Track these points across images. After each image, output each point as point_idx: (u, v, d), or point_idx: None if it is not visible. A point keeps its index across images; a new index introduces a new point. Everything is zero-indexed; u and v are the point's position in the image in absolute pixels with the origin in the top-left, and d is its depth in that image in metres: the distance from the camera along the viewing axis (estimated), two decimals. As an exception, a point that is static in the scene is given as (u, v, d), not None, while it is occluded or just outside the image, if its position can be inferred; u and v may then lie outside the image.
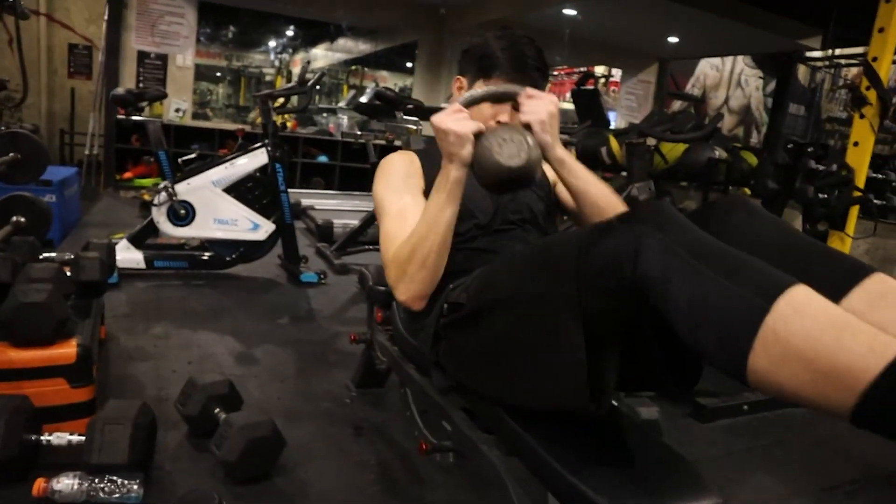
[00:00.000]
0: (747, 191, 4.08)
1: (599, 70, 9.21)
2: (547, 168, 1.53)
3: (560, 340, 1.00)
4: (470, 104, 1.27)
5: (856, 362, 0.72)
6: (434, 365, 1.39)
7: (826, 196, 2.62)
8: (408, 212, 1.37)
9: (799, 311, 0.78)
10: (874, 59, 2.40)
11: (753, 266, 0.85)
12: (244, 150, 3.48)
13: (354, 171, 7.17)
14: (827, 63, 7.31)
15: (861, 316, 0.85)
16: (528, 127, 1.25)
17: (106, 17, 6.14)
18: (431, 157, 1.48)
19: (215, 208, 3.33)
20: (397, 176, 1.47)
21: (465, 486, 1.71)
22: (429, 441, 1.50)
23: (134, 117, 3.47)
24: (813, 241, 1.07)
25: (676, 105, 8.99)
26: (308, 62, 5.48)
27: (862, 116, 2.46)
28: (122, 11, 6.24)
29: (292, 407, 2.06)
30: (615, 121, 7.95)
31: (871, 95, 2.42)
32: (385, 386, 2.21)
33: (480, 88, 1.35)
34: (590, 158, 3.65)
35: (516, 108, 1.31)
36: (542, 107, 1.25)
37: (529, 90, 1.28)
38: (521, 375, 1.10)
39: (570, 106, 6.24)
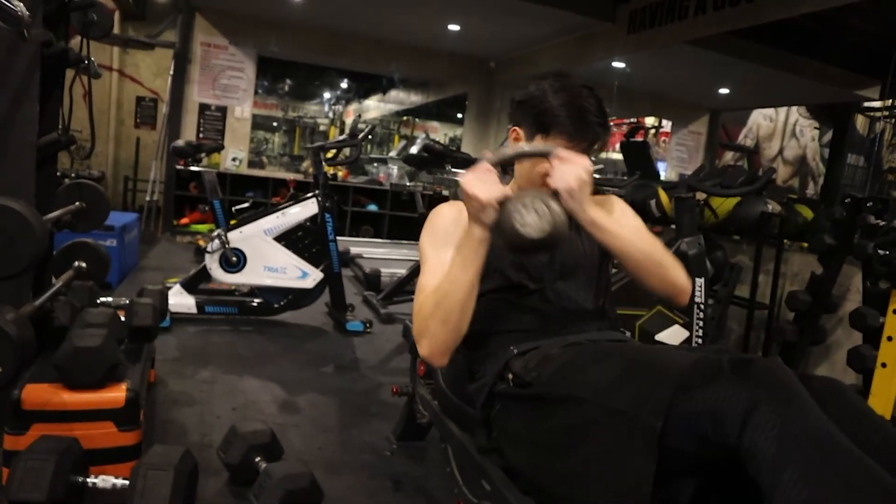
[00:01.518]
0: (804, 245, 3.96)
1: (650, 121, 9.20)
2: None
3: (629, 468, 0.95)
4: (499, 164, 1.22)
5: None
6: (480, 423, 1.36)
7: (887, 253, 2.51)
8: (441, 265, 1.33)
9: None
10: (934, 114, 2.33)
11: (880, 484, 0.77)
12: (296, 199, 3.57)
13: (403, 220, 7.27)
14: (886, 113, 7.12)
15: None
16: (556, 193, 1.20)
17: (171, 72, 6.48)
18: None
19: (266, 256, 3.41)
20: (442, 228, 1.42)
21: (504, 548, 1.66)
22: (467, 499, 1.47)
23: (192, 168, 3.61)
24: None
25: (729, 156, 8.87)
26: (360, 115, 5.65)
27: (923, 171, 2.37)
28: (187, 66, 6.57)
29: (333, 458, 2.05)
30: (665, 172, 7.89)
31: (933, 150, 2.34)
32: (426, 440, 2.19)
33: (538, 143, 1.30)
34: (639, 211, 3.60)
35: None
36: (572, 173, 1.19)
37: (562, 151, 1.21)
38: (577, 479, 1.05)
39: (619, 156, 6.23)
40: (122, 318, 2.04)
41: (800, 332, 3.31)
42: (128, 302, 2.18)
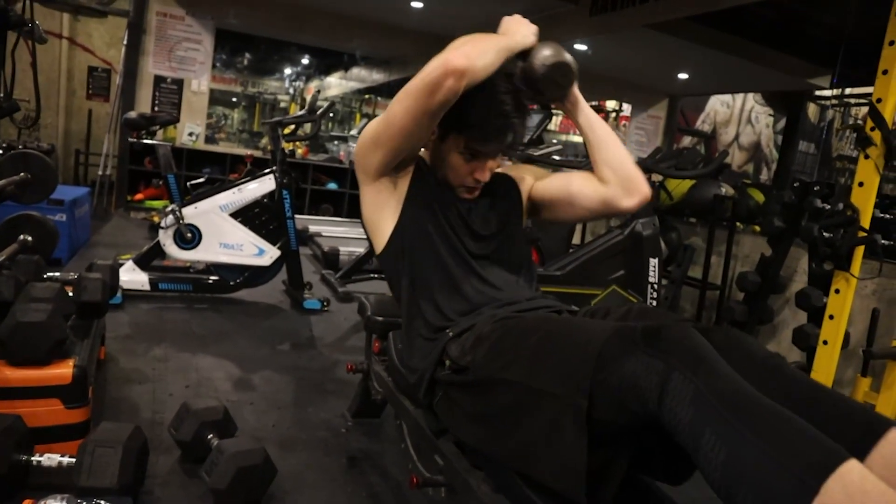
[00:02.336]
0: (756, 228, 4.07)
1: (610, 104, 9.29)
2: (519, 179, 1.56)
3: (563, 444, 0.98)
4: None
5: None
6: (427, 408, 1.38)
7: (831, 235, 2.60)
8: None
9: (851, 497, 0.70)
10: (878, 101, 2.41)
11: (797, 429, 0.79)
12: (253, 175, 3.51)
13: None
14: (836, 102, 7.33)
15: (886, 482, 0.78)
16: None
17: (125, 42, 6.27)
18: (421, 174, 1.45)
19: (222, 232, 3.35)
20: None
21: (456, 521, 1.68)
22: (420, 475, 1.48)
23: (145, 140, 3.51)
24: (821, 388, 0.98)
25: (687, 141, 9.02)
26: (319, 91, 5.55)
27: (867, 157, 2.45)
28: (142, 37, 6.36)
29: (287, 435, 2.04)
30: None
31: (876, 136, 2.42)
32: (381, 416, 2.20)
33: (453, 144, 1.37)
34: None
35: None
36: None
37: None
38: (520, 453, 1.08)
39: (579, 139, 6.28)
40: (71, 294, 1.99)
41: (749, 311, 3.42)
42: (76, 277, 2.12)
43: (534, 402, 1.05)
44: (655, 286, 2.79)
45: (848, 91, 7.00)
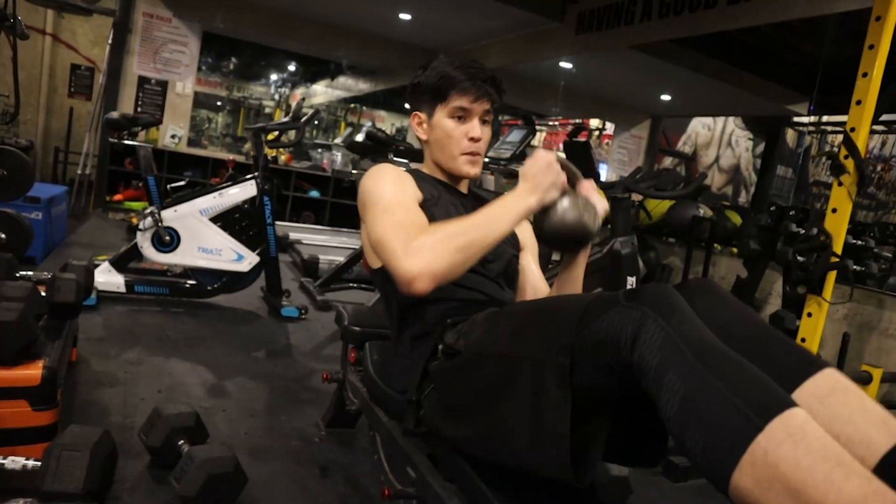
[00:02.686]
0: (734, 250, 4.13)
1: (594, 123, 9.39)
2: (519, 231, 1.58)
3: (546, 410, 1.00)
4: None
5: None
6: (412, 404, 1.35)
7: (805, 259, 2.64)
8: (416, 210, 1.31)
9: (793, 437, 0.76)
10: (852, 130, 2.46)
11: (754, 377, 0.84)
12: (234, 180, 3.50)
13: (345, 208, 7.20)
14: (813, 129, 7.48)
15: (809, 410, 0.85)
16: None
17: (110, 41, 6.23)
18: (420, 178, 1.47)
19: (201, 237, 3.33)
20: (398, 180, 1.39)
21: (427, 534, 1.68)
22: (392, 487, 1.48)
23: (127, 141, 3.48)
24: (774, 331, 1.08)
25: (668, 161, 9.14)
26: (303, 98, 5.54)
27: (840, 184, 2.50)
28: (127, 36, 6.32)
29: (259, 443, 2.03)
30: (606, 173, 8.07)
31: (850, 164, 2.47)
32: (355, 427, 2.19)
33: (441, 116, 1.43)
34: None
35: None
36: (602, 204, 1.33)
37: (591, 182, 1.35)
38: (504, 434, 1.08)
39: (562, 155, 6.33)
40: (43, 294, 1.96)
41: (723, 332, 3.45)
42: (50, 276, 2.09)
43: (517, 370, 1.06)
44: (632, 304, 2.81)
45: (825, 118, 7.15)
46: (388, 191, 1.34)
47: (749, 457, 0.76)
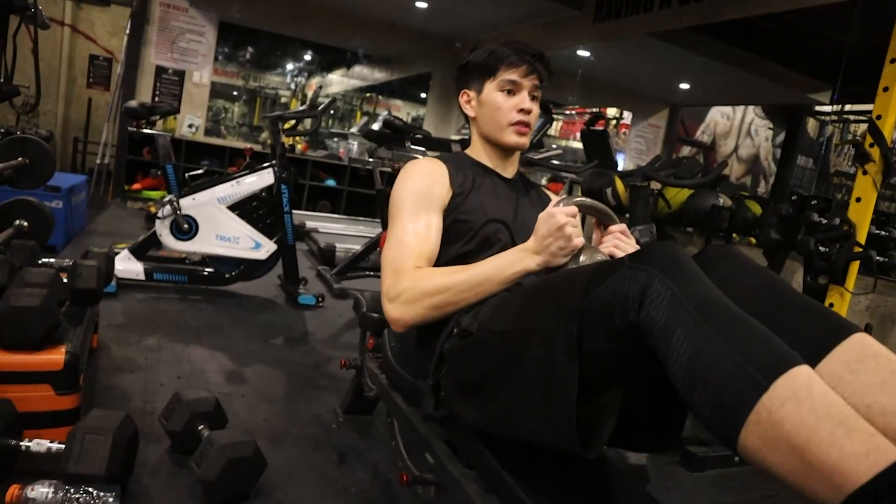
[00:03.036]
0: (753, 240, 4.08)
1: (611, 111, 9.32)
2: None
3: (555, 379, 0.99)
4: (581, 209, 1.27)
5: (847, 463, 0.71)
6: (431, 388, 1.36)
7: (827, 250, 2.61)
8: (424, 229, 1.36)
9: (797, 395, 0.76)
10: (878, 118, 2.42)
11: (760, 336, 0.84)
12: (252, 169, 3.51)
13: (361, 197, 7.22)
14: (835, 118, 7.37)
15: (839, 378, 0.86)
16: (611, 257, 1.27)
17: (128, 31, 6.27)
18: (457, 163, 1.49)
19: (218, 225, 3.35)
20: (424, 185, 1.43)
21: (445, 520, 1.68)
22: (411, 472, 1.48)
23: (145, 130, 3.50)
24: (800, 296, 1.06)
25: (686, 150, 9.05)
26: (320, 87, 5.56)
27: (865, 173, 2.46)
28: (144, 27, 6.35)
29: (278, 429, 2.04)
30: (623, 163, 8.01)
31: (875, 153, 2.43)
32: (373, 413, 2.20)
33: (490, 90, 1.46)
34: (595, 198, 3.66)
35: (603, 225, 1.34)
36: (630, 247, 1.29)
37: (623, 226, 1.32)
38: (515, 408, 1.09)
39: (579, 145, 6.29)
40: (65, 280, 1.98)
41: (742, 323, 3.42)
42: (71, 263, 2.12)
43: (525, 342, 1.07)
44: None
45: (847, 108, 7.03)
46: (409, 202, 1.39)
47: (755, 416, 0.77)
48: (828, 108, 6.99)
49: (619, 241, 1.28)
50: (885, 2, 2.43)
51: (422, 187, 1.41)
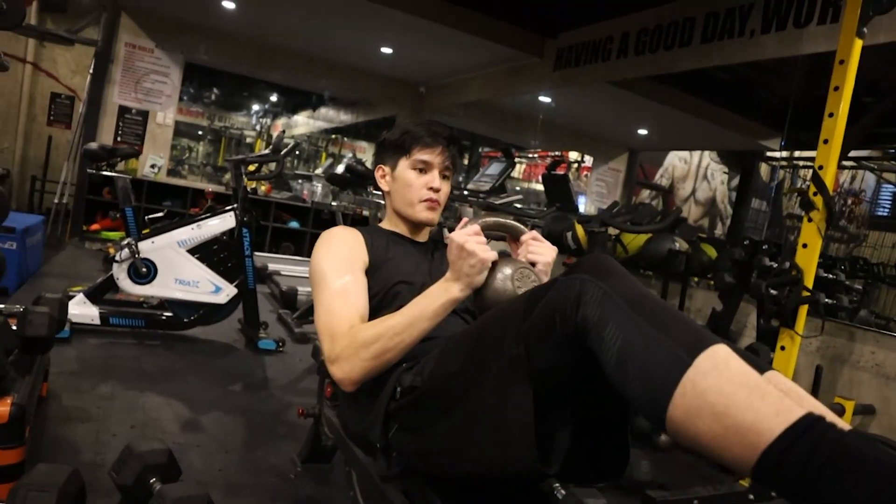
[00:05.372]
0: (710, 283, 4.18)
1: (573, 155, 9.53)
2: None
3: (509, 404, 1.03)
4: (486, 229, 1.30)
5: (761, 422, 0.78)
6: (381, 450, 1.36)
7: (777, 293, 2.69)
8: (350, 289, 1.39)
9: (717, 368, 0.83)
10: (820, 168, 2.53)
11: (683, 321, 0.92)
12: (213, 212, 3.49)
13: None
14: (785, 164, 7.66)
15: None
16: (532, 264, 1.32)
17: (91, 70, 6.23)
18: (373, 234, 1.55)
19: (178, 268, 3.31)
20: (342, 249, 1.48)
21: (402, 573, 1.65)
22: (367, 525, 1.46)
23: (105, 172, 3.47)
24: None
25: (645, 193, 9.27)
26: (284, 130, 5.58)
27: (810, 220, 2.56)
28: (109, 66, 6.33)
29: (234, 480, 2.00)
30: (585, 205, 8.16)
31: (818, 201, 2.53)
32: (332, 462, 2.16)
33: (404, 168, 1.53)
34: (555, 242, 3.73)
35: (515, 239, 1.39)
36: (549, 251, 1.35)
37: (535, 233, 1.37)
38: (472, 442, 1.11)
39: (541, 188, 6.40)
40: (14, 327, 1.93)
41: (699, 365, 3.48)
42: (21, 309, 2.06)
43: (475, 378, 1.10)
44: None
45: (796, 153, 7.31)
46: (331, 267, 1.42)
47: (681, 389, 0.83)
48: (778, 154, 7.27)
49: (534, 247, 1.34)
50: (825, 58, 2.57)
51: (341, 251, 1.46)
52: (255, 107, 11.18)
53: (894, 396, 2.99)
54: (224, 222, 3.42)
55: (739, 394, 0.80)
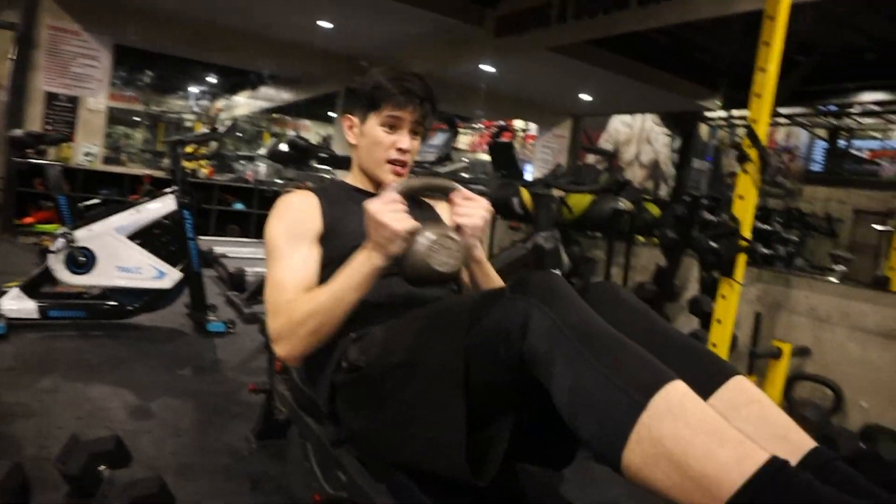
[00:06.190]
0: (655, 240, 4.27)
1: (518, 124, 9.56)
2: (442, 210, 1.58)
3: (444, 415, 1.01)
4: (406, 192, 1.23)
5: (720, 472, 0.74)
6: (329, 416, 1.37)
7: (717, 245, 2.77)
8: (301, 262, 1.35)
9: (672, 412, 0.79)
10: (754, 122, 2.60)
11: (636, 356, 0.87)
12: (152, 195, 3.39)
13: (273, 219, 7.08)
14: (723, 123, 7.85)
15: None
16: (458, 227, 1.26)
17: (12, 56, 5.92)
18: (331, 195, 1.48)
19: (118, 255, 3.20)
20: (294, 220, 1.42)
21: (362, 539, 1.67)
22: (324, 492, 1.46)
23: (33, 160, 3.32)
24: (682, 337, 1.07)
25: (591, 158, 9.39)
26: (221, 110, 5.45)
27: (745, 172, 2.64)
28: (32, 51, 6.03)
29: (187, 462, 1.97)
30: (531, 173, 8.22)
31: (753, 154, 2.61)
32: (287, 437, 2.15)
33: (373, 124, 1.42)
34: (502, 208, 3.76)
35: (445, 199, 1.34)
36: (478, 212, 1.27)
37: (465, 191, 1.29)
38: (409, 441, 1.10)
39: (488, 157, 6.41)
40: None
41: (647, 320, 3.58)
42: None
43: (413, 377, 1.08)
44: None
45: (734, 113, 7.50)
46: (282, 240, 1.37)
47: (636, 435, 0.79)
48: (717, 114, 7.44)
49: (462, 209, 1.27)
50: (758, 17, 2.63)
51: (293, 222, 1.40)
52: (193, 89, 10.87)
53: (827, 337, 3.13)
54: (164, 205, 3.33)
55: (697, 441, 0.77)
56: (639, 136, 9.52)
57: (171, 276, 3.30)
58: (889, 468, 2.43)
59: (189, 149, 3.75)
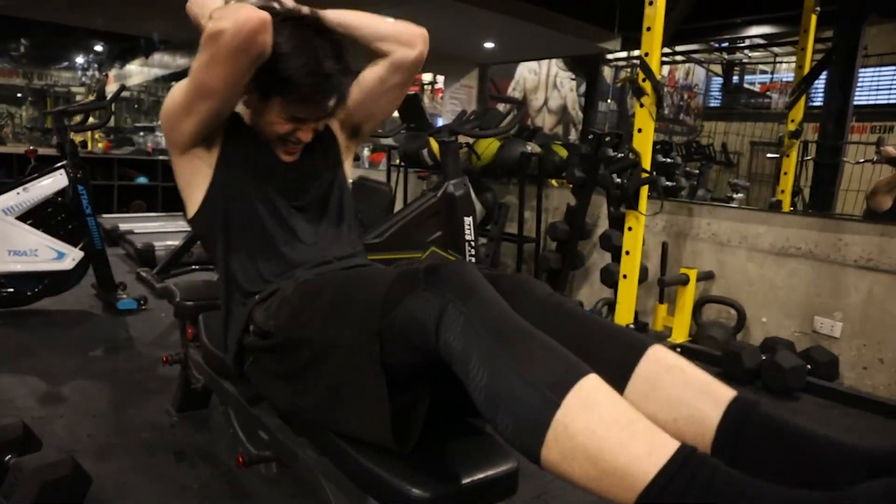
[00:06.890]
0: (561, 181, 4.37)
1: (426, 77, 9.46)
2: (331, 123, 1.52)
3: (364, 390, 1.02)
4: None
5: (634, 464, 0.77)
6: (239, 377, 1.36)
7: (621, 180, 2.87)
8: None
9: (586, 407, 0.81)
10: (646, 55, 2.68)
11: (550, 351, 0.88)
12: (40, 172, 3.17)
13: (177, 191, 6.78)
14: (624, 63, 8.03)
15: (646, 396, 0.94)
16: None
17: None
18: (238, 132, 1.41)
19: (9, 238, 3.00)
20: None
21: (292, 493, 1.68)
22: (247, 453, 1.46)
23: None
24: (593, 321, 1.08)
25: (501, 107, 9.43)
26: (106, 76, 5.11)
27: (642, 105, 2.72)
28: None
29: (106, 443, 1.91)
30: (443, 124, 8.18)
31: (647, 87, 2.69)
32: (210, 406, 2.12)
33: (278, 108, 1.31)
34: (412, 159, 3.75)
35: None
36: None
37: None
38: (332, 413, 1.11)
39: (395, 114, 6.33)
40: None
41: (562, 258, 3.69)
42: None
43: (331, 356, 1.08)
44: (473, 244, 2.93)
45: (634, 53, 7.67)
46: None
47: (552, 433, 0.82)
48: (617, 55, 7.60)
49: None
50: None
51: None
52: (79, 59, 10.15)
53: (728, 260, 3.32)
54: (55, 182, 3.13)
55: (611, 435, 0.79)
56: (546, 83, 9.63)
57: (71, 255, 3.12)
58: (784, 374, 2.64)
59: (77, 118, 3.53)
